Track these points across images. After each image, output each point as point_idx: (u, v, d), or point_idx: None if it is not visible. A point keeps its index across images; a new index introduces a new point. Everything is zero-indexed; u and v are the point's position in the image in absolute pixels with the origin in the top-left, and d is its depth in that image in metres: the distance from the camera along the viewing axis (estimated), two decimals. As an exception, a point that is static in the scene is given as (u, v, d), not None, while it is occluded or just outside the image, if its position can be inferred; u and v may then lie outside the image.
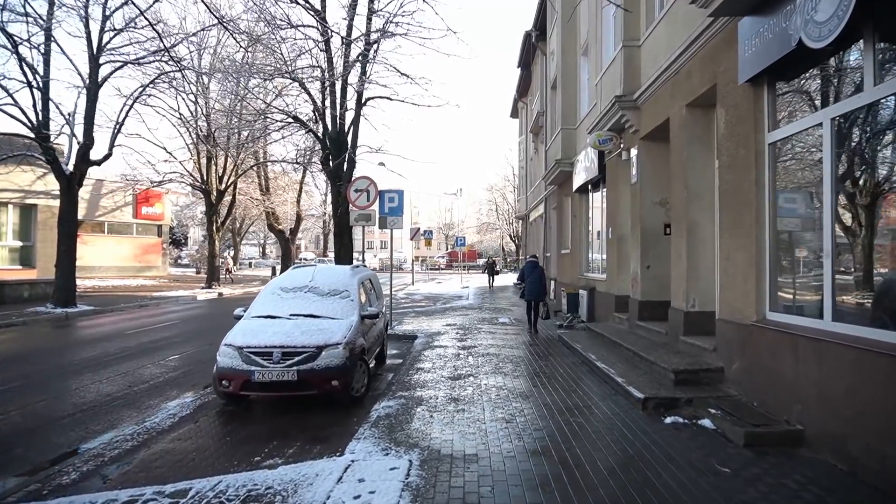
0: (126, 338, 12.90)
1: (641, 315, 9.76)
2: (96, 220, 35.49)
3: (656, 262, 9.77)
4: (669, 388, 6.40)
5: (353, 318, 7.90)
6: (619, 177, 11.49)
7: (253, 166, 29.60)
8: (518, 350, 10.62)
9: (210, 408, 7.26)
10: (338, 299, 8.27)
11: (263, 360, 6.94)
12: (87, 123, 18.14)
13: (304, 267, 9.45)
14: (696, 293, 7.67)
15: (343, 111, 14.74)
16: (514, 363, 9.26)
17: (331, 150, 14.92)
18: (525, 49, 26.50)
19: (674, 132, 8.23)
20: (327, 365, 6.97)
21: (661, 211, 9.82)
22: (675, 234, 8.22)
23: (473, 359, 9.69)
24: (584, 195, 15.28)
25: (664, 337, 8.44)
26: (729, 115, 6.35)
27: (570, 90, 16.16)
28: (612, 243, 11.84)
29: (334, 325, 7.55)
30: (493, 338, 12.21)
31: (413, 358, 9.95)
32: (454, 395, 7.12)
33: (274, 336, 7.19)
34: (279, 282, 8.80)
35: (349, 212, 14.54)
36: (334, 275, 8.85)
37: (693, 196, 7.72)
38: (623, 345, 8.77)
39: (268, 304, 8.24)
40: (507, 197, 63.32)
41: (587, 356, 8.90)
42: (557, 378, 8.06)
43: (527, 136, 31.15)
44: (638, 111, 9.86)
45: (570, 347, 10.32)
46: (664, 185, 9.76)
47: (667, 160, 9.60)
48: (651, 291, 9.77)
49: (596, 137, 10.97)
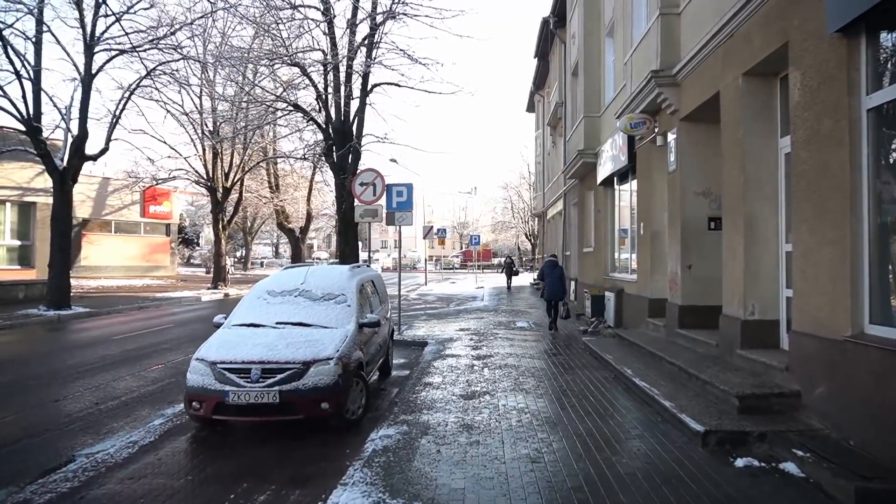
0: (111, 344, 11.90)
1: (682, 321, 8.52)
2: (103, 219, 34.83)
3: (699, 261, 8.52)
4: (733, 417, 5.18)
5: (349, 326, 6.77)
6: (653, 165, 10.25)
7: (260, 162, 28.61)
8: (539, 360, 9.43)
9: (180, 433, 6.17)
10: (332, 305, 7.15)
11: (240, 378, 5.84)
12: (81, 116, 17.25)
13: (296, 267, 8.35)
14: (755, 298, 6.42)
15: (348, 98, 13.63)
16: (536, 377, 8.07)
17: (334, 140, 13.82)
18: (542, 37, 25.25)
19: (726, 108, 6.98)
20: (316, 384, 5.84)
21: (703, 203, 8.57)
22: (727, 228, 6.97)
23: (489, 371, 8.51)
24: (610, 188, 14.02)
25: (714, 349, 7.19)
26: (808, 79, 5.11)
27: (594, 75, 14.90)
28: (644, 240, 10.60)
29: (326, 336, 6.44)
30: (511, 345, 11.02)
31: (421, 370, 8.81)
32: (467, 421, 5.95)
33: (254, 349, 6.09)
34: (266, 284, 7.70)
35: (354, 207, 13.43)
36: (329, 276, 7.72)
37: (751, 183, 6.47)
38: (664, 357, 7.54)
39: (251, 311, 7.15)
40: (523, 195, 61.96)
41: (621, 370, 7.68)
42: (588, 398, 6.85)
43: (544, 130, 29.89)
44: (677, 88, 8.62)
45: (600, 358, 9.11)
46: (708, 173, 8.51)
47: (712, 143, 8.35)
48: (693, 295, 8.52)
49: (626, 121, 9.74)
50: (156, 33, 17.06)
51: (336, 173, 13.90)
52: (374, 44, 13.33)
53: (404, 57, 12.76)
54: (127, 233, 36.16)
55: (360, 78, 13.51)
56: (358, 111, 13.68)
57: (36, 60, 16.33)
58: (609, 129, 13.49)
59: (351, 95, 13.85)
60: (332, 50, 13.28)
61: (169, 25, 17.30)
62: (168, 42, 17.26)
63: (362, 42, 13.70)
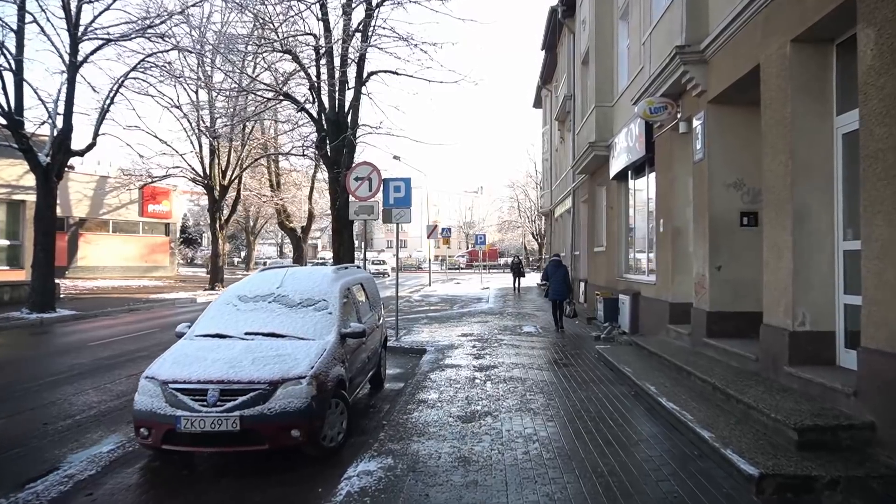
0: (86, 351, 11.03)
1: (711, 329, 7.53)
2: (101, 219, 34.12)
3: (730, 261, 7.53)
4: (792, 455, 4.19)
5: (328, 338, 5.85)
6: (675, 155, 9.26)
7: (258, 159, 27.75)
8: (548, 372, 8.46)
9: (129, 463, 5.26)
10: (311, 312, 6.22)
11: (194, 401, 4.92)
12: (66, 108, 16.41)
13: (274, 268, 7.42)
14: (805, 306, 5.43)
15: (342, 86, 12.70)
16: (546, 394, 7.10)
17: (328, 132, 12.90)
18: (549, 28, 24.20)
19: (768, 83, 5.99)
20: (284, 408, 4.92)
21: (735, 195, 7.57)
22: (770, 224, 5.97)
23: (492, 386, 7.55)
24: (623, 183, 13.02)
25: (752, 363, 6.20)
26: (885, 35, 4.12)
27: (606, 62, 13.91)
28: (665, 238, 9.61)
29: (301, 350, 5.51)
30: (517, 354, 10.06)
31: (417, 383, 7.87)
32: (464, 452, 5.00)
33: (213, 366, 5.16)
34: (237, 288, 6.79)
35: (349, 204, 12.50)
36: (310, 280, 6.79)
37: (801, 170, 5.47)
38: (693, 372, 6.55)
39: (218, 319, 6.23)
40: (530, 193, 60.92)
41: (643, 386, 6.71)
42: (607, 421, 5.88)
43: (551, 125, 28.87)
44: (704, 66, 7.63)
45: (616, 370, 8.13)
46: (740, 162, 7.53)
47: (745, 128, 7.39)
48: (723, 299, 7.53)
49: (646, 105, 8.75)
50: (143, 23, 16.21)
51: (330, 167, 12.96)
52: (371, 28, 12.38)
53: (402, 42, 11.79)
54: (125, 232, 35.45)
55: (355, 65, 12.59)
56: (353, 100, 12.74)
57: (18, 50, 15.51)
58: (622, 118, 12.50)
59: (346, 84, 12.92)
60: (326, 34, 12.35)
61: (157, 14, 16.43)
62: (157, 31, 16.38)
63: (358, 27, 12.77)
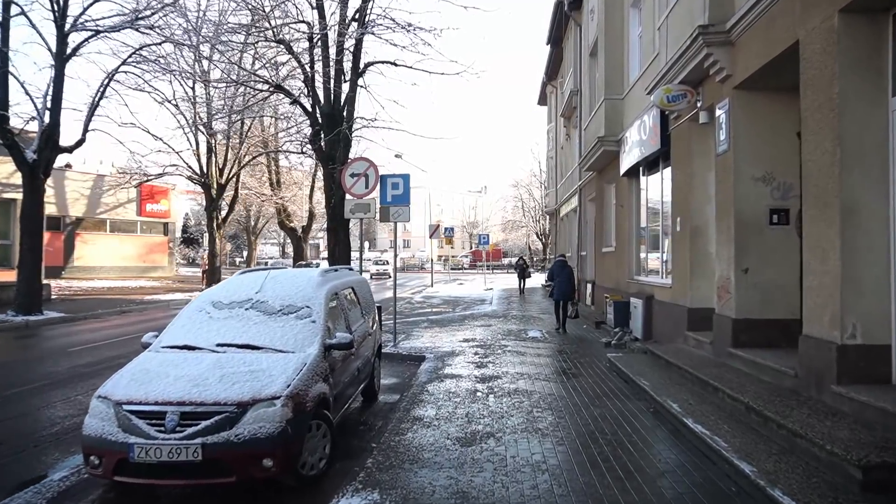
0: (64, 358, 10.39)
1: (737, 339, 6.82)
2: (98, 218, 33.58)
3: (758, 263, 6.82)
4: (857, 498, 3.50)
5: (310, 350, 5.17)
6: (693, 148, 8.55)
7: (256, 157, 27.12)
8: (556, 384, 7.76)
9: (80, 495, 4.60)
10: (293, 321, 5.55)
11: (151, 425, 4.26)
12: (54, 103, 15.78)
13: (254, 271, 6.74)
14: (856, 315, 4.72)
15: (339, 76, 12.03)
16: (555, 411, 6.40)
17: (323, 126, 12.23)
18: (555, 22, 23.50)
19: (811, 61, 5.28)
20: (254, 434, 4.24)
21: (764, 190, 6.86)
22: (812, 221, 5.26)
23: (496, 400, 6.87)
24: (634, 179, 12.31)
25: (790, 380, 5.50)
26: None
27: (616, 52, 13.19)
28: (682, 238, 8.90)
29: (277, 364, 4.83)
30: (523, 362, 9.36)
31: (413, 396, 7.19)
32: (462, 486, 4.31)
33: (175, 384, 4.50)
34: (212, 293, 6.11)
35: (344, 201, 11.83)
36: (293, 284, 6.10)
37: (851, 159, 4.77)
38: (720, 388, 5.85)
39: (188, 328, 5.55)
40: (534, 193, 60.19)
41: (664, 403, 6.01)
42: (626, 446, 5.18)
43: (557, 122, 28.15)
44: (730, 48, 6.92)
45: (631, 383, 7.43)
46: (769, 153, 6.82)
47: (775, 116, 6.70)
48: (751, 305, 6.82)
49: (662, 94, 8.04)
50: (134, 14, 15.57)
51: (324, 163, 12.29)
52: (368, 15, 11.70)
53: (401, 29, 11.10)
54: (123, 232, 34.91)
55: (351, 55, 11.92)
56: (349, 92, 12.06)
57: (2, 41, 14.91)
58: (634, 111, 11.80)
59: (343, 75, 12.25)
60: (321, 22, 11.69)
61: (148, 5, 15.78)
62: (148, 22, 15.74)
63: (354, 15, 12.10)
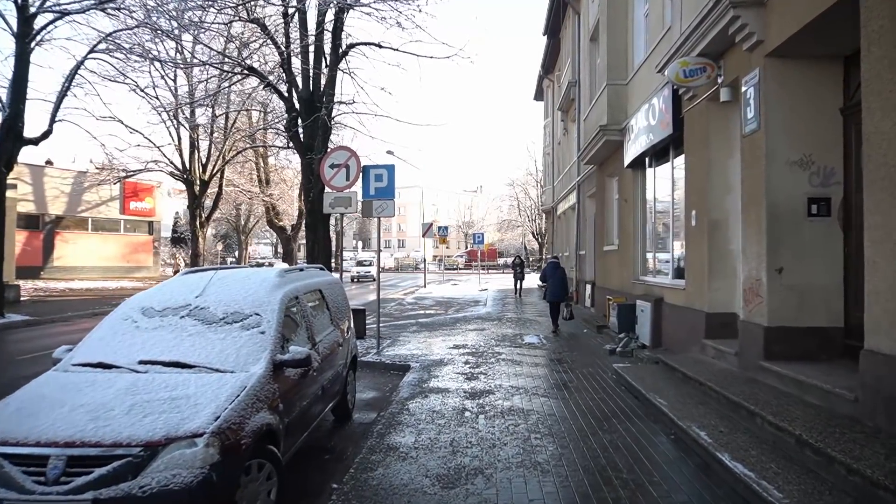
0: (10, 368, 9.30)
1: (770, 350, 5.81)
2: (79, 216, 32.43)
3: (794, 261, 5.82)
4: None
5: (255, 368, 4.14)
6: (712, 130, 7.55)
7: (240, 152, 25.94)
8: (557, 400, 6.74)
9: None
10: (237, 332, 4.50)
11: (28, 474, 3.22)
12: (16, 89, 14.67)
13: (200, 271, 5.68)
14: (941, 327, 3.73)
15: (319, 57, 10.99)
16: (556, 437, 5.38)
17: (300, 112, 11.19)
18: (553, 11, 22.52)
19: (875, 10, 4.27)
20: (165, 484, 3.21)
21: (801, 176, 5.86)
22: (874, 208, 4.25)
23: (486, 423, 5.84)
24: (640, 171, 11.31)
25: (850, 404, 4.48)
26: None
27: (619, 34, 12.19)
28: (698, 233, 7.90)
29: (207, 389, 3.79)
30: (518, 373, 8.34)
31: (391, 416, 6.16)
32: (439, 553, 3.30)
33: (70, 417, 3.47)
34: (143, 298, 5.05)
35: (323, 195, 10.80)
36: (243, 287, 5.04)
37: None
38: (758, 413, 4.83)
39: (108, 341, 4.51)
40: (530, 192, 59.12)
41: (689, 431, 4.98)
42: (647, 489, 4.15)
43: (554, 116, 27.17)
44: (761, 10, 5.91)
45: (644, 399, 6.41)
46: (808, 132, 5.82)
47: (817, 87, 5.71)
48: (787, 311, 5.81)
49: (679, 67, 7.03)
50: None
51: (302, 152, 11.24)
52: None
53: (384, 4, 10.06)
54: (105, 231, 33.75)
55: (330, 34, 10.87)
56: (329, 72, 11.00)
57: (-43, 25, 13.84)
58: (639, 97, 10.80)
59: (323, 56, 11.20)
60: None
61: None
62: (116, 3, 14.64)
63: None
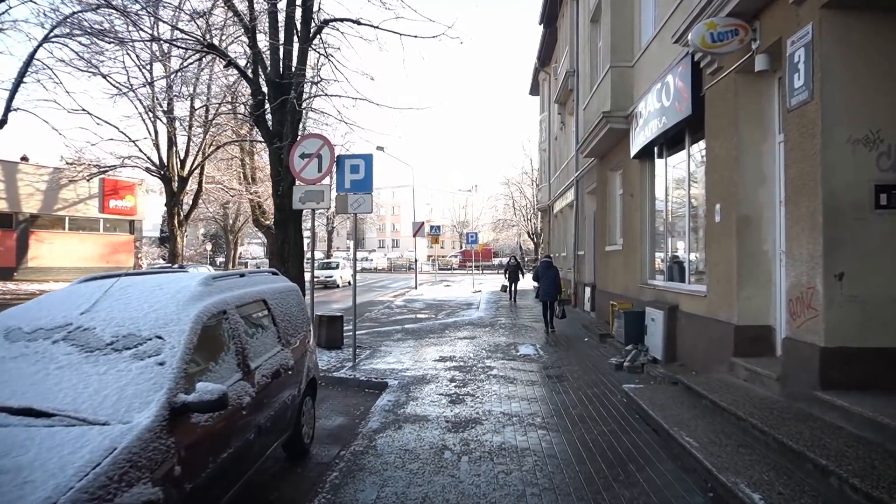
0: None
1: (827, 377, 4.62)
2: (55, 215, 31.07)
3: (859, 264, 4.63)
4: None
5: (139, 417, 2.92)
6: (742, 108, 6.35)
7: (220, 147, 24.60)
8: (558, 435, 5.53)
9: None
10: (125, 363, 3.27)
11: None
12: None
13: (100, 279, 4.42)
14: None
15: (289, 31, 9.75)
16: (562, 496, 4.15)
17: (268, 95, 9.95)
18: (549, -2, 21.36)
19: None
20: None
21: (867, 158, 4.67)
22: None
23: (471, 467, 4.63)
24: (649, 162, 10.12)
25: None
26: None
27: (624, 10, 10.99)
28: (724, 231, 6.70)
29: (53, 455, 2.54)
30: (511, 395, 7.11)
31: (353, 457, 4.93)
32: None
33: None
34: (11, 315, 3.80)
35: (293, 188, 9.56)
36: (147, 300, 3.78)
37: None
38: (833, 471, 3.62)
39: (-59, 377, 3.27)
40: (525, 191, 58.02)
41: (736, 492, 3.77)
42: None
43: (551, 110, 25.99)
44: (814, -49, 4.74)
45: (665, 435, 5.19)
46: (877, 103, 4.63)
47: (888, 49, 4.51)
48: (848, 328, 4.62)
49: (705, 30, 5.82)
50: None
51: (269, 140, 9.98)
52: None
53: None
54: (84, 230, 32.37)
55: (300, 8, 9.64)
56: (301, 52, 9.75)
57: None
58: (647, 79, 9.62)
59: (295, 32, 9.96)
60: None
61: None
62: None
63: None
